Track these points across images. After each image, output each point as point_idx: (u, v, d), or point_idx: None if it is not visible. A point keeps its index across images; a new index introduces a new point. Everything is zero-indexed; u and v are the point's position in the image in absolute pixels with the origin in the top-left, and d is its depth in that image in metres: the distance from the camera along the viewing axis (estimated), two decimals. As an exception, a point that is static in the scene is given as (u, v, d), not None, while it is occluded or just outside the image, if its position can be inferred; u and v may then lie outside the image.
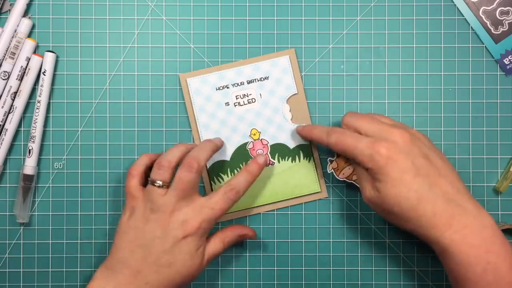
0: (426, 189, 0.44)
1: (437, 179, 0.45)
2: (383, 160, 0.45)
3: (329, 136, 0.48)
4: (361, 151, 0.46)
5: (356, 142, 0.46)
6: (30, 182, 0.53)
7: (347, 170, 0.51)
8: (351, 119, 0.49)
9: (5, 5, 0.54)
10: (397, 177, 0.44)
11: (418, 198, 0.44)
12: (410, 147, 0.45)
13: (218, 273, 0.55)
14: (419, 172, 0.45)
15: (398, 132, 0.46)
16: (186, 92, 0.55)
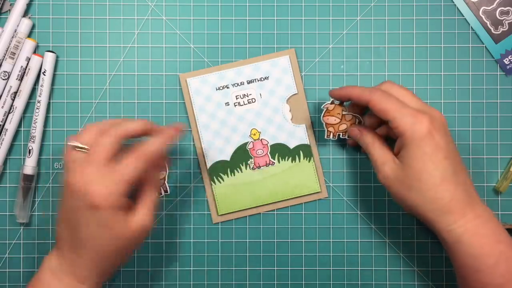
0: (451, 172, 0.44)
1: (460, 167, 0.46)
2: (423, 131, 0.44)
3: (373, 92, 0.47)
4: (403, 116, 0.45)
5: (401, 106, 0.46)
6: (30, 182, 0.53)
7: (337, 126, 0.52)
8: (392, 87, 0.48)
9: (5, 5, 0.54)
10: (429, 152, 0.44)
11: (442, 179, 0.44)
12: (446, 131, 0.46)
13: (218, 273, 0.55)
14: (449, 154, 0.45)
15: (439, 113, 0.46)
16: (186, 92, 0.55)
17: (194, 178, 0.55)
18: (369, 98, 0.46)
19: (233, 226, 0.55)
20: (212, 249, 0.55)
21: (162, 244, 0.55)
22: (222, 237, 0.55)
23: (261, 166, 0.55)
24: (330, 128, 0.52)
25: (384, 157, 0.47)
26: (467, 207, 0.44)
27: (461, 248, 0.44)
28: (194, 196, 0.55)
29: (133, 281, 0.55)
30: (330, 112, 0.52)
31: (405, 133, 0.45)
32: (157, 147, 0.46)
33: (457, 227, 0.44)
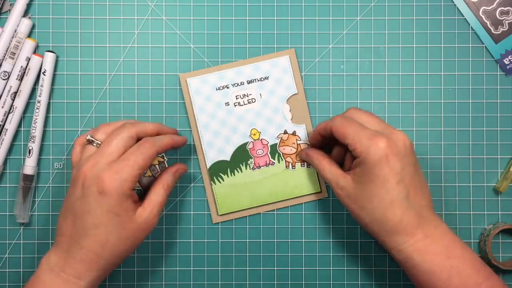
0: (402, 197, 0.45)
1: (415, 191, 0.46)
2: (379, 154, 0.45)
3: (333, 119, 0.48)
4: (360, 138, 0.46)
5: (359, 129, 0.46)
6: (30, 182, 0.53)
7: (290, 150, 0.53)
8: (356, 113, 0.49)
9: (5, 5, 0.54)
10: (382, 176, 0.45)
11: (391, 202, 0.45)
12: (407, 153, 0.46)
13: (218, 273, 0.55)
14: (404, 179, 0.45)
15: (401, 135, 0.46)
16: (186, 92, 0.55)
17: (194, 178, 0.55)
18: (331, 125, 0.48)
19: (233, 226, 0.55)
20: (212, 249, 0.55)
21: (162, 244, 0.55)
22: (222, 237, 0.55)
23: (261, 166, 0.55)
24: (288, 158, 0.54)
25: (334, 173, 0.48)
26: (417, 228, 0.45)
27: (413, 265, 0.45)
28: (194, 196, 0.55)
29: (133, 281, 0.55)
30: (285, 142, 0.54)
31: (361, 155, 0.46)
32: (166, 142, 0.49)
33: (407, 247, 0.45)
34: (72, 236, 0.45)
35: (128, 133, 0.47)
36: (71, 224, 0.46)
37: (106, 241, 0.45)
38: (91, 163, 0.46)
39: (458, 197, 0.55)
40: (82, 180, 0.45)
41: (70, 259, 0.45)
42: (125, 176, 0.45)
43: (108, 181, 0.44)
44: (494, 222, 0.54)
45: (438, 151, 0.55)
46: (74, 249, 0.45)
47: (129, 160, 0.45)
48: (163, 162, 0.53)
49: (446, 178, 0.55)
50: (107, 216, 0.45)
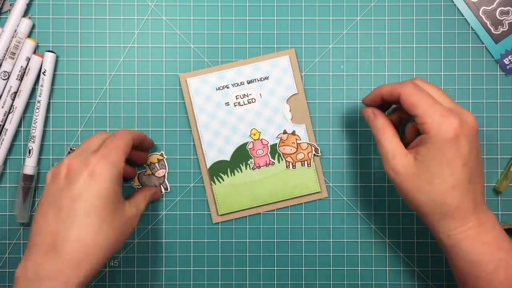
0: (465, 181, 0.43)
1: (476, 177, 0.44)
2: (450, 133, 0.42)
3: (404, 85, 0.45)
4: (433, 113, 0.43)
5: (432, 102, 0.43)
6: (30, 182, 0.53)
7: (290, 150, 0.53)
8: (424, 84, 0.46)
9: (5, 5, 0.54)
10: (449, 157, 0.43)
11: (453, 186, 0.43)
12: (475, 136, 0.44)
13: (218, 273, 0.55)
14: (469, 163, 0.43)
15: (471, 116, 0.44)
16: (186, 92, 0.55)
17: (194, 178, 0.55)
18: (400, 91, 0.44)
19: (233, 226, 0.55)
20: (212, 249, 0.55)
21: (162, 244, 0.55)
22: (222, 237, 0.55)
23: (261, 166, 0.55)
24: (288, 158, 0.54)
25: (395, 149, 0.45)
26: (472, 215, 0.44)
27: (460, 253, 0.44)
28: (194, 196, 0.55)
29: (133, 281, 0.55)
30: (285, 142, 0.54)
31: (430, 131, 0.43)
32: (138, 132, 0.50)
33: (458, 233, 0.44)
34: (57, 231, 0.41)
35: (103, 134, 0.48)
36: (54, 217, 0.41)
37: (99, 229, 0.41)
38: (74, 155, 0.44)
39: (458, 197, 0.55)
40: (66, 169, 0.43)
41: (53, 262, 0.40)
42: (113, 158, 0.44)
43: (98, 163, 0.43)
44: (494, 222, 0.54)
45: (438, 151, 0.55)
46: (59, 247, 0.40)
47: (112, 145, 0.45)
48: (163, 159, 0.53)
49: (446, 178, 0.55)
50: (100, 202, 0.42)
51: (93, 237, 0.41)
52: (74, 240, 0.41)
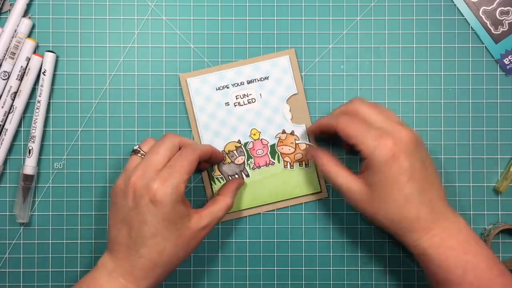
0: (415, 194, 0.45)
1: (427, 186, 0.46)
2: (386, 155, 0.45)
3: (339, 119, 0.48)
4: (367, 140, 0.45)
5: (365, 130, 0.46)
6: (30, 182, 0.53)
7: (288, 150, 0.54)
8: (360, 106, 0.48)
9: (5, 5, 0.54)
10: (392, 175, 0.45)
11: (405, 201, 0.45)
12: (413, 150, 0.45)
13: (218, 273, 0.55)
14: (414, 176, 0.45)
15: (405, 130, 0.46)
16: (186, 92, 0.55)
17: (194, 178, 0.55)
18: (336, 125, 0.48)
19: (233, 226, 0.55)
20: (212, 249, 0.55)
21: (162, 244, 0.55)
22: (222, 237, 0.55)
23: (261, 166, 0.55)
24: (286, 158, 0.54)
25: (346, 182, 0.48)
26: (433, 223, 0.45)
27: (428, 259, 0.45)
28: (194, 196, 0.55)
29: (133, 281, 0.54)
30: (283, 141, 0.54)
31: (368, 157, 0.45)
32: (207, 148, 0.50)
33: (423, 242, 0.45)
34: (129, 246, 0.46)
35: (171, 142, 0.47)
36: (127, 234, 0.46)
37: (163, 249, 0.45)
38: (139, 173, 0.46)
39: (458, 197, 0.55)
40: (133, 191, 0.45)
41: (128, 267, 0.46)
42: (175, 182, 0.45)
43: (158, 189, 0.44)
44: (494, 222, 0.54)
45: (438, 151, 0.55)
46: (132, 258, 0.45)
47: (175, 166, 0.46)
48: (240, 146, 0.54)
49: (446, 178, 0.55)
50: (163, 225, 0.45)
51: (159, 255, 0.45)
52: (144, 256, 0.45)
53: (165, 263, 0.46)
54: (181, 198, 0.46)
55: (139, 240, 0.45)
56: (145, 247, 0.45)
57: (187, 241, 0.46)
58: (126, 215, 0.46)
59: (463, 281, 0.44)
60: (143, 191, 0.45)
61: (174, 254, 0.46)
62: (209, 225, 0.48)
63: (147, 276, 0.46)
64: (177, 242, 0.46)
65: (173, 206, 0.45)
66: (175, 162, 0.46)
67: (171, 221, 0.45)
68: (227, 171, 0.54)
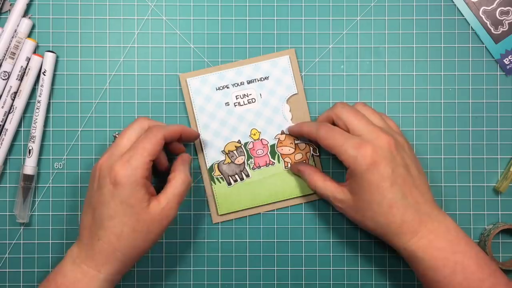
0: (399, 198, 0.46)
1: (411, 189, 0.46)
2: (366, 163, 0.45)
3: (318, 130, 0.49)
4: (346, 150, 0.46)
5: (344, 140, 0.47)
6: (30, 182, 0.53)
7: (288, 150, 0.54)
8: (342, 112, 0.49)
9: (5, 5, 0.54)
10: (374, 182, 0.45)
11: (390, 206, 0.46)
12: (394, 155, 0.46)
13: (218, 273, 0.55)
14: (396, 181, 0.46)
15: (385, 137, 0.46)
16: (186, 92, 0.55)
17: (194, 178, 0.55)
18: (316, 136, 0.49)
19: (233, 226, 0.55)
20: (212, 249, 0.55)
21: (162, 244, 0.55)
22: (222, 237, 0.55)
23: (261, 166, 0.55)
24: (287, 158, 0.54)
25: (331, 191, 0.49)
26: (420, 225, 0.46)
27: (417, 261, 0.46)
28: (194, 196, 0.55)
29: (133, 281, 0.54)
30: (283, 142, 0.54)
31: (350, 166, 0.46)
32: (175, 127, 0.49)
33: (411, 245, 0.46)
34: (91, 229, 0.46)
35: (140, 125, 0.48)
36: (91, 216, 0.46)
37: (120, 232, 0.45)
38: (106, 155, 0.47)
39: (458, 197, 0.55)
40: (98, 172, 0.46)
41: (89, 251, 0.46)
42: (135, 164, 0.45)
43: (120, 171, 0.45)
44: (494, 222, 0.54)
45: (438, 151, 0.55)
46: (92, 241, 0.46)
47: (137, 148, 0.46)
48: (240, 146, 0.54)
49: (446, 178, 0.55)
50: (121, 207, 0.45)
51: (117, 238, 0.45)
52: (102, 239, 0.45)
53: (124, 247, 0.45)
54: (142, 181, 0.45)
55: (98, 222, 0.45)
56: (103, 230, 0.45)
57: (146, 226, 0.46)
58: (92, 198, 0.47)
59: (452, 282, 0.44)
60: (105, 173, 0.46)
61: (133, 239, 0.45)
62: (168, 206, 0.46)
63: (107, 261, 0.45)
64: (135, 226, 0.45)
65: (131, 188, 0.45)
66: (138, 144, 0.46)
67: (129, 204, 0.45)
68: (227, 171, 0.54)
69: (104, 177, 0.45)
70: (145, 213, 0.46)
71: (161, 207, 0.46)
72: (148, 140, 0.46)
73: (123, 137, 0.48)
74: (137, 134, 0.48)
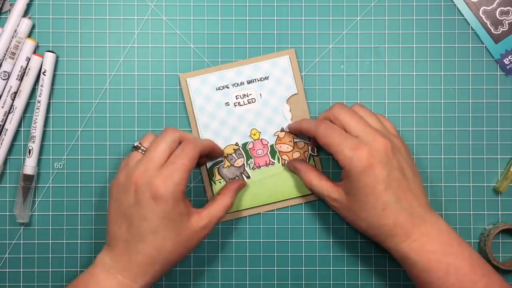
0: (393, 201, 0.46)
1: (405, 193, 0.46)
2: (362, 165, 0.45)
3: (317, 127, 0.49)
4: (343, 151, 0.46)
5: (342, 139, 0.47)
6: (30, 182, 0.53)
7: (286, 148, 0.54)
8: (340, 113, 0.49)
9: (5, 5, 0.54)
10: (369, 184, 0.45)
11: (383, 208, 0.46)
12: (390, 158, 0.46)
13: (218, 273, 0.55)
14: (391, 184, 0.46)
15: (382, 140, 0.46)
16: (186, 92, 0.55)
17: (194, 178, 0.55)
18: (315, 133, 0.49)
19: (233, 226, 0.55)
20: (212, 249, 0.55)
21: (162, 244, 0.55)
22: (222, 237, 0.55)
23: (261, 166, 0.55)
24: (284, 156, 0.54)
25: (326, 190, 0.49)
26: (413, 228, 0.46)
27: (410, 263, 0.46)
28: (194, 196, 0.55)
29: (133, 281, 0.54)
30: (282, 140, 0.54)
31: (345, 166, 0.46)
32: (207, 143, 0.51)
33: (404, 247, 0.46)
34: (128, 241, 0.46)
35: (171, 137, 0.48)
36: (126, 230, 0.46)
37: (162, 246, 0.46)
38: (141, 169, 0.46)
39: (458, 197, 0.55)
40: (134, 187, 0.46)
41: (126, 263, 0.46)
42: (176, 179, 0.45)
43: (160, 186, 0.45)
44: (494, 222, 0.54)
45: (438, 151, 0.55)
46: (131, 254, 0.46)
47: (177, 164, 0.46)
48: (239, 149, 0.54)
49: (446, 178, 0.55)
50: (163, 222, 0.45)
51: (157, 252, 0.46)
52: (142, 253, 0.46)
53: (163, 261, 0.46)
54: (182, 196, 0.46)
55: (138, 236, 0.45)
56: (143, 243, 0.45)
57: (185, 240, 0.47)
58: (127, 211, 0.46)
59: (445, 283, 0.45)
60: (144, 188, 0.45)
61: (173, 252, 0.46)
62: (208, 225, 0.48)
63: (145, 272, 0.46)
64: (176, 240, 0.46)
65: (174, 203, 0.45)
66: (177, 159, 0.46)
67: (171, 219, 0.45)
68: (227, 174, 0.54)
69: (144, 192, 0.45)
70: (185, 227, 0.46)
71: (201, 224, 0.47)
72: (186, 155, 0.46)
73: (156, 150, 0.47)
74: (170, 147, 0.47)
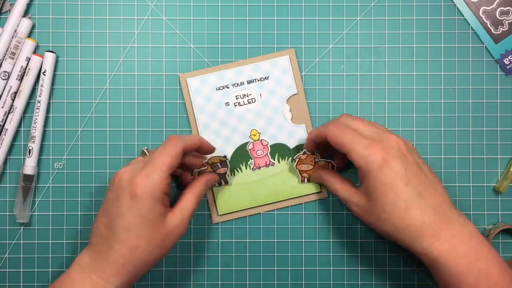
0: (415, 198, 0.44)
1: (427, 189, 0.45)
2: (378, 162, 0.44)
3: (327, 127, 0.48)
4: (358, 149, 0.45)
5: (355, 137, 0.46)
6: (30, 182, 0.53)
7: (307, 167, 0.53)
8: (347, 119, 0.49)
9: (5, 5, 0.54)
10: (388, 182, 0.44)
11: (406, 207, 0.44)
12: (405, 154, 0.45)
13: (218, 273, 0.55)
14: (411, 180, 0.44)
15: (394, 138, 0.46)
16: (186, 92, 0.55)
17: (194, 178, 0.55)
18: (326, 134, 0.48)
19: (233, 226, 0.55)
20: (212, 249, 0.55)
21: (162, 244, 0.55)
22: (222, 237, 0.55)
23: (261, 167, 0.55)
24: (304, 174, 0.54)
25: (349, 195, 0.48)
26: (441, 228, 0.44)
27: (439, 268, 0.44)
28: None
29: (133, 281, 0.55)
30: (303, 161, 0.53)
31: (361, 165, 0.45)
32: (194, 139, 0.49)
33: (433, 250, 0.44)
34: (106, 238, 0.45)
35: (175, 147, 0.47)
36: (106, 226, 0.46)
37: (136, 246, 0.45)
38: (129, 167, 0.46)
39: (458, 197, 0.55)
40: (118, 182, 0.46)
41: (101, 261, 0.45)
42: (156, 179, 0.45)
43: (140, 185, 0.44)
44: (494, 222, 0.55)
45: (438, 151, 0.55)
46: (106, 252, 0.45)
47: (156, 162, 0.45)
48: (225, 161, 0.53)
49: (446, 178, 0.55)
50: (139, 221, 0.44)
51: (131, 251, 0.45)
52: (116, 251, 0.45)
53: (138, 261, 0.45)
54: (160, 195, 0.45)
55: (114, 233, 0.45)
56: (118, 241, 0.45)
57: (160, 240, 0.46)
58: (109, 207, 0.46)
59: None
60: (126, 184, 0.45)
61: (148, 253, 0.45)
62: (182, 221, 0.47)
63: (118, 273, 0.45)
64: (151, 240, 0.45)
65: (151, 203, 0.44)
66: (156, 157, 0.46)
67: (148, 218, 0.45)
68: None
69: (124, 188, 0.45)
70: (161, 227, 0.46)
71: (176, 222, 0.46)
72: (166, 153, 0.46)
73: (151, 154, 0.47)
74: None
